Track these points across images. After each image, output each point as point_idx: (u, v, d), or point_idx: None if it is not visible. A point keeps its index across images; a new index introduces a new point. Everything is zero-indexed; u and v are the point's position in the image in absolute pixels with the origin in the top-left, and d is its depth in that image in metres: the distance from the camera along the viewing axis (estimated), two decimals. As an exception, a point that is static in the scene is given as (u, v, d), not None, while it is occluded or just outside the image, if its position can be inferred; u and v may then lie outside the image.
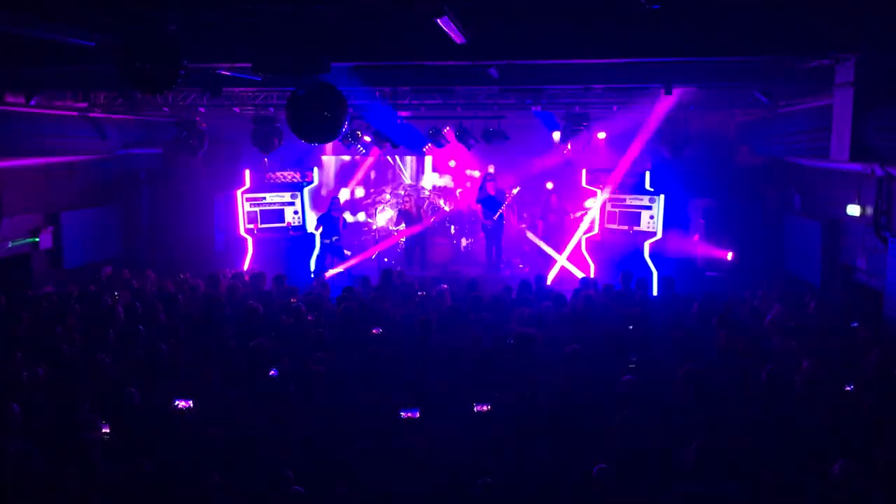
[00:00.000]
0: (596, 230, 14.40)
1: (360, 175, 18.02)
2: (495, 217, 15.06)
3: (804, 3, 6.31)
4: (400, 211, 15.83)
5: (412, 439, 5.69)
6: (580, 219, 14.77)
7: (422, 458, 5.40)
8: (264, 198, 14.67)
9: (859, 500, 4.59)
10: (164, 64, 4.98)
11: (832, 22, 6.40)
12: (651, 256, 13.44)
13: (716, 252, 13.72)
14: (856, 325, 8.56)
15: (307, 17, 6.31)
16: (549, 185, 16.20)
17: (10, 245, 11.66)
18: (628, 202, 14.07)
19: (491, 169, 16.81)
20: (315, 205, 15.85)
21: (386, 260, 15.73)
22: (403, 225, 15.75)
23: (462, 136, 13.50)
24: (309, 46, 6.54)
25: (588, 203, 14.77)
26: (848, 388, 6.54)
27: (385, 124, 12.95)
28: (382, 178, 18.41)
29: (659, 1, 4.84)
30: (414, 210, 15.50)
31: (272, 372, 7.10)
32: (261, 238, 14.56)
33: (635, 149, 13.72)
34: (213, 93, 9.69)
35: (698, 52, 7.09)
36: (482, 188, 15.31)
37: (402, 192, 17.09)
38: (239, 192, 14.54)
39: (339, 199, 15.76)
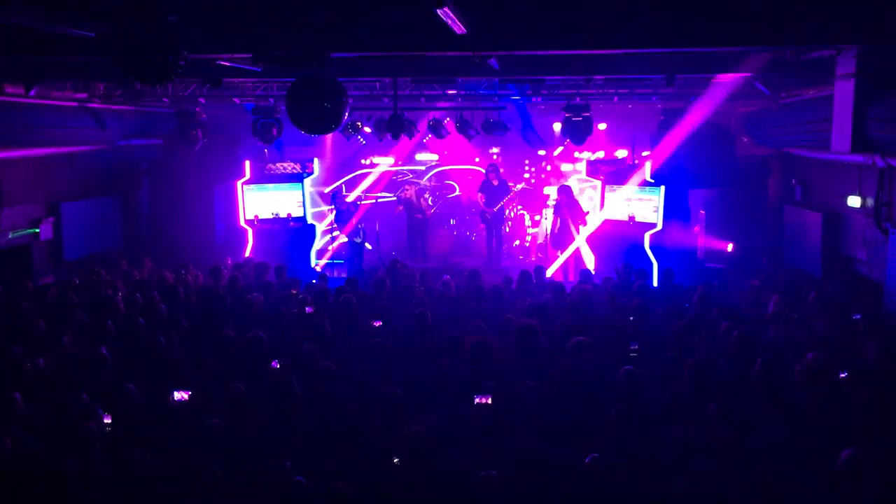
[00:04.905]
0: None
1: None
2: (496, 209, 15.08)
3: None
4: (400, 198, 15.89)
5: (412, 431, 5.69)
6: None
7: (422, 451, 5.40)
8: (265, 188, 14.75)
9: (863, 490, 4.59)
10: (164, 55, 4.96)
11: (834, 13, 6.38)
12: (651, 248, 13.45)
13: (716, 243, 13.72)
14: (858, 317, 8.56)
15: (307, 7, 6.31)
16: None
17: (10, 236, 11.66)
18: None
19: (494, 152, 16.87)
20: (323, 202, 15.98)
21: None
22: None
23: (462, 127, 13.49)
24: (309, 37, 6.54)
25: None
26: (842, 375, 6.52)
27: None
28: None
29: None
30: (415, 199, 15.54)
31: (273, 364, 7.10)
32: (261, 229, 14.58)
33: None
34: (213, 83, 9.69)
35: (700, 43, 7.07)
36: (486, 179, 15.33)
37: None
38: (239, 183, 14.54)
39: (341, 192, 15.83)
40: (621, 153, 15.85)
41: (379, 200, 16.59)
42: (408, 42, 6.98)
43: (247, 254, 14.14)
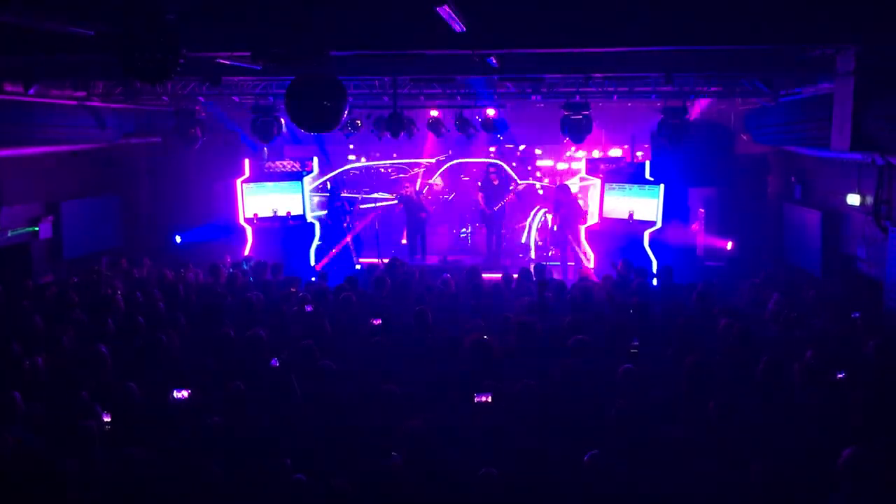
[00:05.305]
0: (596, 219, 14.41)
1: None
2: (496, 208, 15.07)
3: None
4: (400, 196, 15.88)
5: (411, 429, 5.69)
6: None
7: (421, 449, 5.40)
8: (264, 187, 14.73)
9: (863, 490, 4.59)
10: (163, 53, 4.96)
11: (834, 13, 6.37)
12: (651, 246, 13.44)
13: (716, 241, 13.72)
14: (857, 315, 8.56)
15: (306, 5, 6.29)
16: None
17: (9, 234, 11.65)
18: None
19: (492, 150, 16.87)
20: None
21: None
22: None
23: (462, 126, 13.46)
24: (308, 35, 6.52)
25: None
26: (840, 375, 6.53)
27: None
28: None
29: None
30: (415, 196, 15.53)
31: (273, 362, 7.10)
32: (260, 227, 14.57)
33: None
34: (213, 82, 9.66)
35: (699, 41, 7.06)
36: (486, 177, 15.32)
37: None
38: (238, 182, 14.52)
39: (336, 189, 15.78)
40: (617, 151, 15.86)
41: (378, 204, 16.59)
42: (407, 40, 6.96)
43: (246, 252, 14.13)
